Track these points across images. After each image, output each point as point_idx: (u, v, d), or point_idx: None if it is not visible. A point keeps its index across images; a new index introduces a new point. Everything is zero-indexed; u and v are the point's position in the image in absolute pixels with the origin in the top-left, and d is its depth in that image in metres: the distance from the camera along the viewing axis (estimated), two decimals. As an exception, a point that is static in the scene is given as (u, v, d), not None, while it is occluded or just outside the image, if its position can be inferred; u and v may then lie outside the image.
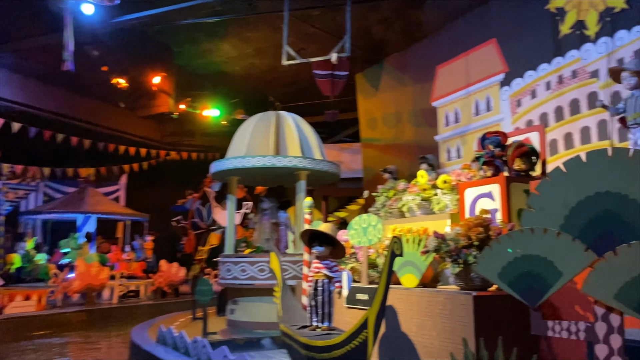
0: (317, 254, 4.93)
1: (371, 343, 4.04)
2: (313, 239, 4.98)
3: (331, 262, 4.96)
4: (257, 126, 8.25)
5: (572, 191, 2.85)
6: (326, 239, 4.92)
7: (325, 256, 4.94)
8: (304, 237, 5.08)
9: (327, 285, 4.88)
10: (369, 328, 4.06)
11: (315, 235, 4.96)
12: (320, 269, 4.91)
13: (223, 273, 7.91)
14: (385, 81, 9.62)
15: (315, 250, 4.92)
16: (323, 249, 4.88)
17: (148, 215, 14.82)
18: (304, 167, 7.71)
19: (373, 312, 4.04)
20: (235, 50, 11.87)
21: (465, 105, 7.65)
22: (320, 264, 4.94)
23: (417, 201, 6.46)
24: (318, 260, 4.98)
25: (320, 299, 4.87)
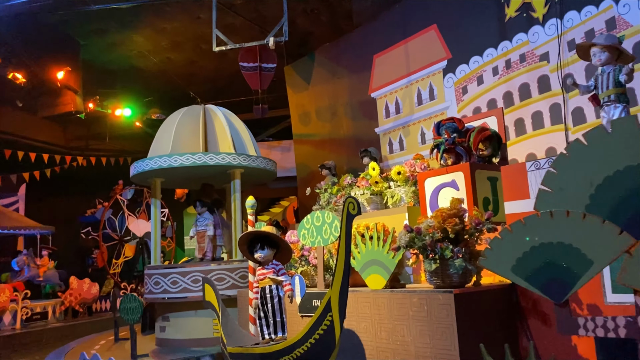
0: (260, 259, 4.36)
1: (338, 326, 3.64)
2: (253, 243, 4.41)
3: (276, 264, 4.42)
4: (182, 121, 7.46)
5: (597, 167, 2.47)
6: (269, 241, 4.37)
7: (269, 260, 4.39)
8: (242, 241, 4.48)
9: (276, 291, 4.33)
10: (333, 309, 3.65)
11: (256, 238, 4.39)
12: (266, 274, 4.35)
13: (150, 287, 7.05)
14: (317, 73, 9.13)
15: (258, 255, 4.35)
16: (267, 252, 4.34)
17: (53, 227, 13.35)
18: (239, 164, 7.04)
19: (335, 290, 3.63)
20: (149, 43, 10.92)
21: (406, 95, 7.32)
22: (264, 269, 4.38)
23: (367, 196, 6.02)
24: (262, 266, 4.42)
25: (270, 307, 4.30)
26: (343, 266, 3.64)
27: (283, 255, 4.49)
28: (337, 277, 3.66)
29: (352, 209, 3.55)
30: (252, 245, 4.43)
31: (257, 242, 4.37)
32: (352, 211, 3.55)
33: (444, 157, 5.01)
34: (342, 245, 3.62)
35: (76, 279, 13.44)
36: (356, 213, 3.55)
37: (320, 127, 9.09)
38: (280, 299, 4.32)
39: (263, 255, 4.33)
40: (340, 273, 3.65)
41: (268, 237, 4.38)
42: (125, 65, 11.58)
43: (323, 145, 8.98)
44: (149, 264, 16.40)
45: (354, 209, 3.54)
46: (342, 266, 3.65)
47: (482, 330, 3.98)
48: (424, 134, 7.10)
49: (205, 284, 4.98)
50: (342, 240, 3.61)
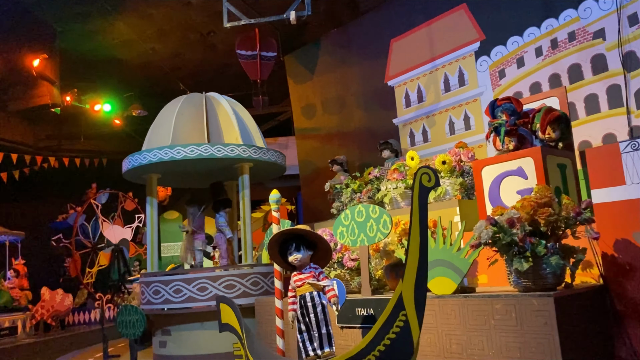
0: (296, 262, 3.67)
1: (417, 326, 2.97)
2: (287, 243, 3.71)
3: (314, 267, 3.73)
4: (182, 110, 6.64)
5: None
6: (305, 241, 3.68)
7: (306, 263, 3.70)
8: (274, 242, 3.78)
9: (318, 299, 3.63)
10: (408, 307, 2.98)
11: (289, 238, 3.69)
12: (304, 279, 3.65)
13: (148, 296, 6.19)
14: (323, 62, 8.44)
15: (293, 257, 3.65)
16: (304, 254, 3.64)
17: (22, 233, 12.22)
18: (249, 157, 6.27)
19: (408, 283, 2.96)
20: (133, 31, 10.03)
21: (430, 81, 6.71)
22: (301, 274, 3.67)
23: (400, 190, 5.35)
24: (298, 271, 3.72)
25: (313, 318, 3.60)
26: (418, 253, 2.97)
27: (321, 256, 3.80)
28: (410, 268, 2.99)
29: (428, 181, 2.90)
30: (283, 247, 3.73)
31: (290, 242, 3.67)
32: (427, 183, 2.91)
33: (505, 140, 4.38)
34: (416, 228, 2.95)
35: (48, 290, 12.33)
36: (433, 185, 2.91)
37: (327, 120, 8.40)
38: (324, 308, 3.62)
39: (300, 258, 3.64)
40: (415, 262, 2.97)
41: (305, 236, 3.67)
42: (105, 56, 10.63)
43: (330, 139, 8.29)
44: (125, 273, 15.37)
45: (429, 180, 2.90)
46: (416, 253, 2.97)
47: (582, 341, 3.36)
48: (452, 123, 6.49)
49: (221, 304, 4.23)
50: (415, 221, 2.94)
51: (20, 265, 12.08)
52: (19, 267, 11.90)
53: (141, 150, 6.27)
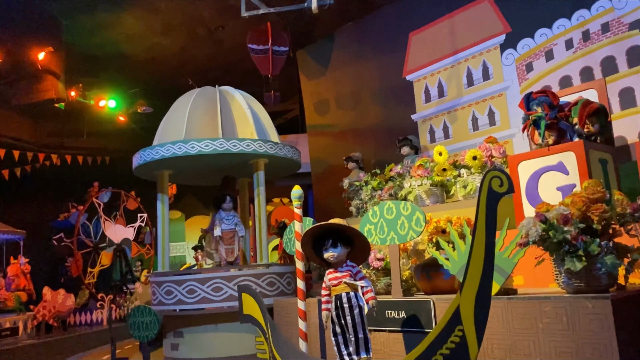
0: (332, 259, 3.43)
1: (475, 344, 2.73)
2: (322, 239, 3.48)
3: (351, 266, 3.50)
4: (196, 104, 6.40)
5: None
6: (341, 237, 3.45)
7: (342, 261, 3.46)
8: (307, 237, 3.54)
9: (355, 300, 3.40)
10: (466, 322, 2.75)
11: (324, 234, 3.46)
12: (340, 278, 3.42)
13: (160, 296, 5.95)
14: (338, 56, 8.21)
15: (329, 254, 3.42)
16: (340, 251, 3.40)
17: (24, 232, 11.95)
18: (265, 152, 6.04)
19: (468, 296, 2.72)
20: (140, 25, 9.78)
21: (452, 75, 6.49)
22: (337, 272, 3.44)
23: (425, 187, 5.12)
24: (334, 269, 3.48)
25: (350, 321, 3.37)
26: (482, 267, 2.72)
27: (358, 254, 3.57)
28: (471, 281, 2.75)
29: (499, 186, 2.63)
30: (319, 244, 3.50)
31: (326, 238, 3.44)
32: (499, 188, 2.64)
33: (544, 134, 4.16)
34: (481, 238, 2.71)
35: (50, 290, 12.06)
36: (505, 191, 2.64)
37: (341, 116, 8.17)
38: (361, 310, 3.39)
39: (336, 255, 3.40)
40: (478, 275, 2.74)
41: (341, 231, 3.44)
42: (111, 50, 10.39)
43: (344, 136, 8.06)
44: (127, 273, 15.10)
45: (500, 185, 2.63)
46: (479, 266, 2.74)
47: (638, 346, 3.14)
48: (476, 119, 6.27)
49: (243, 293, 3.98)
50: (481, 231, 2.70)
51: (15, 265, 11.69)
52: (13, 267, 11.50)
53: (153, 145, 6.03)
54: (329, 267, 3.49)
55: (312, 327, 4.74)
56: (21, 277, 11.98)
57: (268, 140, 6.18)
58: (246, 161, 6.26)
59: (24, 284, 11.16)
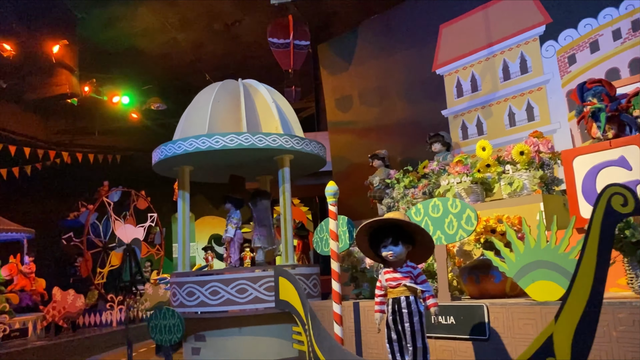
0: (391, 258, 3.13)
1: None
2: (379, 236, 3.18)
3: (412, 267, 3.19)
4: (218, 98, 6.12)
5: None
6: (402, 233, 3.14)
7: (402, 261, 3.16)
8: (363, 233, 3.24)
9: (415, 306, 3.09)
10: (560, 354, 2.39)
11: (384, 229, 3.16)
12: (399, 279, 3.11)
13: (181, 298, 5.67)
14: (362, 50, 7.93)
15: (388, 253, 3.12)
16: (400, 250, 3.09)
17: (33, 230, 11.71)
18: (292, 148, 5.76)
19: (566, 327, 2.37)
20: (155, 19, 9.54)
21: (487, 69, 6.20)
22: (396, 273, 3.13)
23: (465, 184, 4.82)
24: (392, 268, 3.17)
25: (408, 328, 3.06)
26: (589, 295, 2.32)
27: (420, 253, 3.26)
28: (571, 308, 2.39)
29: (622, 205, 2.18)
30: (375, 240, 3.20)
31: (384, 233, 3.13)
32: (622, 208, 2.18)
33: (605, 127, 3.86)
34: (590, 264, 2.29)
35: (60, 290, 11.80)
36: (630, 212, 2.18)
37: (365, 112, 7.88)
38: (421, 317, 3.09)
39: (396, 254, 3.09)
40: (582, 303, 2.34)
41: (403, 227, 3.13)
42: (125, 45, 10.15)
43: (369, 133, 7.77)
44: (137, 273, 14.83)
45: (624, 204, 2.18)
46: (585, 293, 2.33)
47: None
48: (512, 114, 5.98)
49: (280, 277, 3.70)
50: (591, 257, 2.29)
51: (12, 264, 11.25)
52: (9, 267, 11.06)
53: (175, 139, 5.75)
54: (385, 265, 3.19)
55: (348, 331, 4.46)
56: (20, 277, 11.51)
57: (295, 136, 5.91)
58: (270, 157, 5.99)
59: (23, 284, 10.60)
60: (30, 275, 11.01)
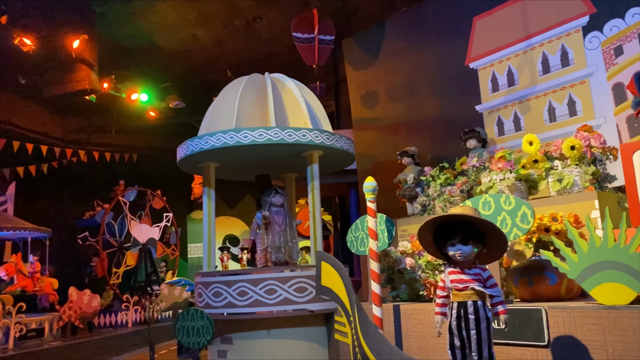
0: (460, 258, 2.88)
1: None
2: (445, 233, 2.93)
3: (482, 269, 2.92)
4: (245, 92, 5.90)
5: None
6: (472, 231, 2.88)
7: (470, 261, 2.90)
8: (427, 229, 2.98)
9: (483, 312, 2.83)
10: None
11: (451, 225, 2.90)
12: (466, 281, 2.86)
13: (207, 299, 5.45)
14: (389, 44, 7.70)
15: (457, 253, 2.87)
16: (469, 249, 2.84)
17: (49, 229, 11.57)
18: (322, 143, 5.51)
19: None
20: (175, 14, 9.37)
21: (524, 62, 5.95)
22: (462, 274, 2.88)
23: (509, 181, 4.57)
24: (459, 269, 2.92)
25: (474, 335, 2.80)
26: None
27: (489, 254, 2.99)
28: None
29: None
30: (441, 236, 2.95)
31: (452, 231, 2.88)
32: None
33: (669, 119, 3.60)
34: None
35: (76, 290, 11.65)
36: None
37: (393, 108, 7.65)
38: (489, 324, 2.84)
39: (465, 254, 2.84)
40: None
41: (475, 224, 2.87)
42: (143, 41, 10.00)
43: (396, 130, 7.54)
44: (152, 273, 14.66)
45: None
46: None
47: None
48: (553, 108, 5.72)
49: (323, 262, 3.47)
50: None
51: (10, 264, 10.92)
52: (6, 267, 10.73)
53: (202, 134, 5.54)
54: (449, 263, 2.94)
55: (387, 335, 4.23)
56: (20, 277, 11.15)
57: (325, 131, 5.67)
58: (298, 153, 5.75)
59: (23, 285, 10.13)
60: (34, 275, 10.59)
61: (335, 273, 3.42)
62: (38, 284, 10.47)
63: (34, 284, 10.37)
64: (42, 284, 10.57)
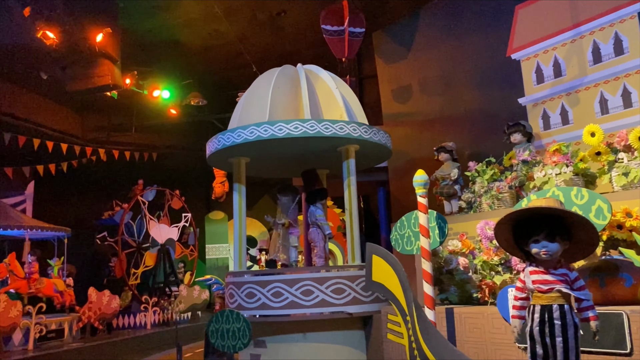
0: (545, 256, 2.58)
1: None
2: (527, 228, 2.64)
3: (568, 268, 2.62)
4: (278, 83, 5.65)
5: None
6: (558, 226, 2.58)
7: (556, 260, 2.61)
8: (507, 221, 2.69)
9: (571, 317, 2.53)
10: None
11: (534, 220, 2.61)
12: (551, 282, 2.56)
13: (240, 300, 5.19)
14: (423, 36, 7.40)
15: (541, 251, 2.57)
16: (556, 247, 2.54)
17: (68, 229, 11.39)
18: (359, 137, 5.24)
19: None
20: (199, 8, 9.14)
21: (572, 51, 5.63)
22: (549, 275, 2.58)
23: (566, 176, 4.25)
24: (542, 268, 2.62)
25: (561, 343, 2.50)
26: None
27: (575, 251, 2.69)
28: None
29: None
30: (521, 232, 2.66)
31: (535, 226, 2.58)
32: None
33: None
34: None
35: (95, 291, 11.48)
36: None
37: (427, 102, 7.35)
38: (576, 331, 2.53)
39: (551, 252, 2.54)
40: None
41: (563, 218, 2.57)
42: (165, 37, 9.79)
43: (431, 125, 7.23)
44: (171, 274, 14.44)
45: None
46: None
47: None
48: (605, 100, 5.39)
49: (374, 256, 3.18)
50: None
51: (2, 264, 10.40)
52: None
53: (234, 127, 5.28)
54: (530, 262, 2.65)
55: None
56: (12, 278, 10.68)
57: (362, 123, 5.39)
58: (333, 148, 5.48)
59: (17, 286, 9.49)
60: (32, 277, 10.07)
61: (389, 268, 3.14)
62: (35, 285, 9.96)
63: (29, 285, 9.82)
64: (41, 285, 10.05)
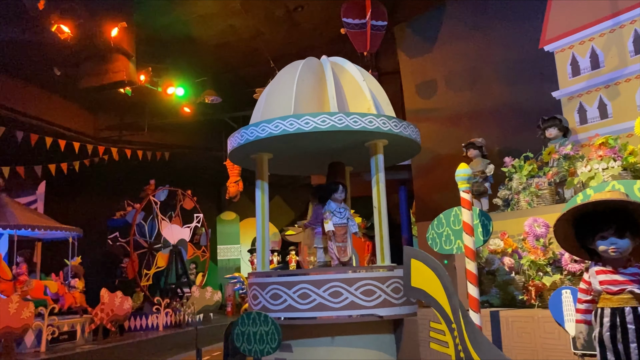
0: (614, 254, 2.33)
1: None
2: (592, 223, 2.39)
3: (639, 268, 2.36)
4: (303, 76, 5.42)
5: None
6: (626, 221, 2.34)
7: (626, 258, 2.36)
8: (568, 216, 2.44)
9: None
10: None
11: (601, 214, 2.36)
12: (621, 283, 2.31)
13: (264, 301, 4.96)
14: (449, 28, 7.16)
15: (610, 249, 2.32)
16: (627, 244, 2.30)
17: (80, 229, 11.24)
18: (389, 131, 4.98)
19: None
20: (215, 3, 8.92)
21: (611, 42, 5.38)
22: (618, 275, 2.33)
23: (614, 171, 3.99)
24: (610, 268, 2.37)
25: (636, 349, 2.25)
26: None
27: None
28: None
29: None
30: (584, 229, 2.41)
31: (601, 221, 2.34)
32: None
33: None
34: None
35: (107, 292, 11.35)
36: None
37: (452, 98, 7.10)
38: None
39: (621, 249, 2.30)
40: None
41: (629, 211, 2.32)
42: (180, 33, 9.59)
43: (457, 121, 6.99)
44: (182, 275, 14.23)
45: None
46: None
47: None
48: (647, 92, 5.13)
49: (413, 260, 2.95)
50: None
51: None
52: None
53: (258, 121, 5.05)
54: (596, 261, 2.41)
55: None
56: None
57: (392, 117, 5.15)
58: (360, 143, 5.24)
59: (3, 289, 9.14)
60: (20, 278, 9.61)
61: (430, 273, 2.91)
62: (22, 288, 9.65)
63: (14, 287, 9.50)
64: (29, 287, 9.75)
